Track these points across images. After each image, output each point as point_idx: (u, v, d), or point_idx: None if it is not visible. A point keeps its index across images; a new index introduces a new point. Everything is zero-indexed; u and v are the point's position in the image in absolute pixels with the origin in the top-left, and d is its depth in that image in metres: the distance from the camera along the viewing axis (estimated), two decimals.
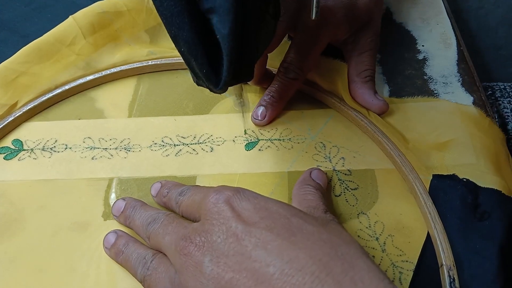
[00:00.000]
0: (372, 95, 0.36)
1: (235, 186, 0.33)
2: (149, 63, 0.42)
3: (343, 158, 0.35)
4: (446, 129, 0.35)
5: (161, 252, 0.28)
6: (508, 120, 0.47)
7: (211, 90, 0.26)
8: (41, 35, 0.42)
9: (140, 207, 0.31)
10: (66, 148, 0.37)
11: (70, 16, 0.42)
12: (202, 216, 0.26)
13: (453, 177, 0.32)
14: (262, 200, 0.25)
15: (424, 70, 0.41)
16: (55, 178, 0.35)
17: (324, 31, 0.35)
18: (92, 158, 0.36)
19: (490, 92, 0.51)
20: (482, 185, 0.31)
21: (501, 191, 0.31)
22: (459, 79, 0.40)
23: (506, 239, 0.29)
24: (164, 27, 0.45)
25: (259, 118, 0.37)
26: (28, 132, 0.39)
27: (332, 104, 0.38)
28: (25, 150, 0.37)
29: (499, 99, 0.50)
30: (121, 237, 0.30)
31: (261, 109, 0.37)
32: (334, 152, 0.35)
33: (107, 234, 0.31)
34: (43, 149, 0.37)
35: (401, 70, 0.41)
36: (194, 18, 0.23)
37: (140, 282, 0.28)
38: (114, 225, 0.32)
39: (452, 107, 0.37)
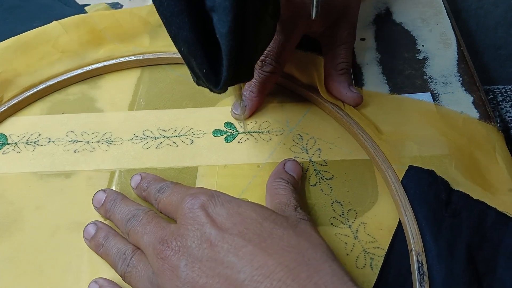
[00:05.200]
0: (347, 87, 0.37)
1: (215, 177, 0.35)
2: (132, 59, 0.43)
3: (319, 149, 0.36)
4: (420, 124, 0.36)
5: (140, 249, 0.28)
6: (511, 125, 0.47)
7: (211, 90, 0.27)
8: (11, 36, 0.42)
9: (120, 201, 0.31)
10: (49, 141, 0.38)
11: (54, 21, 0.43)
12: (178, 219, 0.27)
13: (430, 173, 0.32)
14: (236, 205, 0.26)
15: (424, 70, 0.41)
16: (38, 170, 0.36)
17: (297, 24, 0.36)
18: (75, 151, 0.37)
19: (491, 96, 0.51)
20: (453, 187, 0.32)
21: (468, 195, 0.31)
22: (459, 79, 0.40)
23: (471, 239, 0.29)
24: (147, 28, 0.45)
25: (239, 113, 0.38)
26: (13, 127, 0.39)
27: (311, 98, 0.39)
28: (9, 144, 0.38)
29: (500, 103, 0.50)
30: (101, 230, 0.31)
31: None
32: (311, 144, 0.36)
33: (87, 225, 0.31)
34: (26, 143, 0.38)
35: (401, 70, 0.41)
36: (194, 18, 0.23)
37: (121, 276, 0.28)
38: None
39: (427, 105, 0.38)
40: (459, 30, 0.45)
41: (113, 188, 0.34)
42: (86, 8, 0.48)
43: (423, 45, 0.43)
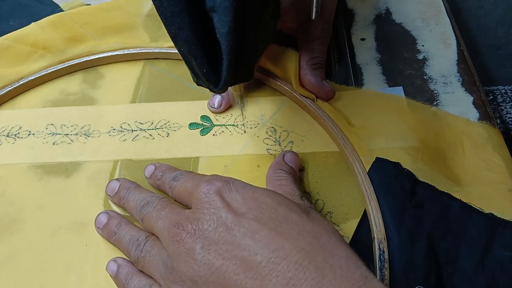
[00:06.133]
0: (320, 81, 0.37)
1: (190, 169, 0.35)
2: (113, 54, 0.44)
3: (291, 142, 0.36)
4: (390, 117, 0.37)
5: (154, 235, 0.29)
6: (511, 127, 0.47)
7: (211, 90, 0.27)
8: None
9: (134, 189, 0.32)
10: (30, 134, 0.39)
11: (32, 23, 0.44)
12: (194, 204, 0.27)
13: (396, 165, 0.33)
14: (250, 191, 0.26)
15: (424, 70, 0.41)
16: (17, 162, 0.37)
17: None
18: (53, 144, 0.38)
19: (491, 97, 0.51)
20: (419, 179, 0.32)
21: (434, 187, 0.32)
22: (459, 79, 0.40)
23: (433, 230, 0.30)
24: (126, 20, 0.46)
25: (215, 107, 0.39)
26: None
27: (285, 92, 0.40)
28: None
29: (501, 104, 0.50)
30: (113, 218, 0.31)
31: (218, 97, 0.39)
32: (284, 136, 0.37)
33: (98, 215, 0.32)
34: (7, 136, 0.39)
35: (401, 70, 0.41)
36: (194, 18, 0.23)
37: (134, 262, 0.29)
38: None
39: (398, 99, 0.38)
40: (459, 30, 0.45)
41: None
42: (61, 5, 0.49)
43: (423, 45, 0.44)
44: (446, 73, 0.41)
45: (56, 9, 0.49)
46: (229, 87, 0.28)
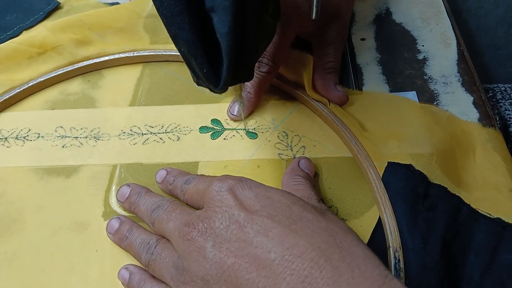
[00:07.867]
0: (333, 86, 0.37)
1: (200, 173, 0.35)
2: (123, 56, 0.43)
3: (304, 146, 0.36)
4: (404, 120, 0.36)
5: (165, 238, 0.29)
6: (510, 123, 0.47)
7: (211, 90, 0.27)
8: None
9: (145, 193, 0.32)
10: (39, 136, 0.38)
11: (39, 24, 0.45)
12: (206, 203, 0.27)
13: (408, 167, 0.33)
14: (263, 189, 0.26)
15: (424, 70, 0.41)
16: (25, 165, 0.36)
17: (290, 24, 0.36)
18: (63, 147, 0.38)
19: (490, 94, 0.51)
20: (431, 181, 0.32)
21: (446, 188, 0.32)
22: (459, 79, 0.40)
23: (446, 232, 0.30)
24: (134, 22, 0.45)
25: (236, 114, 0.38)
26: (3, 122, 0.40)
27: (297, 95, 0.39)
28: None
29: (500, 101, 0.50)
30: (124, 223, 0.31)
31: (238, 105, 0.38)
32: (295, 141, 0.37)
33: (110, 220, 0.31)
34: (16, 138, 0.38)
35: (401, 70, 0.41)
36: (194, 18, 0.23)
37: (145, 266, 0.29)
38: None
39: (412, 103, 0.38)
40: (459, 30, 0.45)
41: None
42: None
43: (423, 45, 0.43)
44: (446, 73, 0.41)
45: (52, 1, 0.48)
46: (229, 87, 0.27)
